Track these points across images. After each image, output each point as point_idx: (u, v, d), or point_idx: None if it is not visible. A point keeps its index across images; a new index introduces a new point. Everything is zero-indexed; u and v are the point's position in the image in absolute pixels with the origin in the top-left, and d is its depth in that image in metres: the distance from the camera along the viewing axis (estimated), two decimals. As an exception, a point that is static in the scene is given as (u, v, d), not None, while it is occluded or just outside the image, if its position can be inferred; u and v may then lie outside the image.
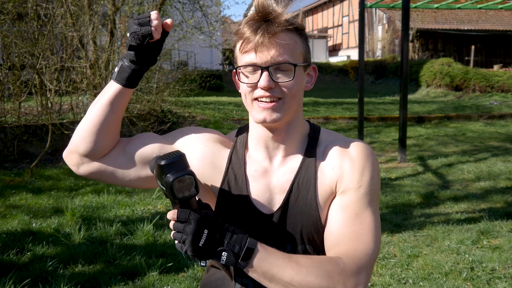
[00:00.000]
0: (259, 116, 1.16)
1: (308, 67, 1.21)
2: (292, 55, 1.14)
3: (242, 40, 1.15)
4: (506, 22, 23.72)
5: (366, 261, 1.11)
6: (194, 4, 12.13)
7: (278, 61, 1.12)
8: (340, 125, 11.22)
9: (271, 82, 1.13)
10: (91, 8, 8.89)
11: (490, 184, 6.06)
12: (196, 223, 1.03)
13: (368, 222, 1.15)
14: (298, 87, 1.17)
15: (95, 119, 1.21)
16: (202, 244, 1.04)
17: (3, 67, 7.42)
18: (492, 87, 17.20)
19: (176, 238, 1.06)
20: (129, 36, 1.17)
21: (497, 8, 9.37)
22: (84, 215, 4.67)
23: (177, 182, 1.03)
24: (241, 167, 1.23)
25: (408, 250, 3.91)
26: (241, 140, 1.28)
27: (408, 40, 7.48)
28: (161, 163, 1.04)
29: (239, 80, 1.18)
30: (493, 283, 3.32)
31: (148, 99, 9.43)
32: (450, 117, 12.24)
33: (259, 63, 1.13)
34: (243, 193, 1.22)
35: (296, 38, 1.16)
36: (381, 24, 26.04)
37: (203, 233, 1.04)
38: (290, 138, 1.22)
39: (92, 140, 1.20)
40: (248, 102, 1.18)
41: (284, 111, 1.16)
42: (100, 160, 1.23)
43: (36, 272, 3.39)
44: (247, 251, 1.05)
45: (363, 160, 1.19)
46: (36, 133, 7.23)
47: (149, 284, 3.30)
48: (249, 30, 1.13)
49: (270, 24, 1.12)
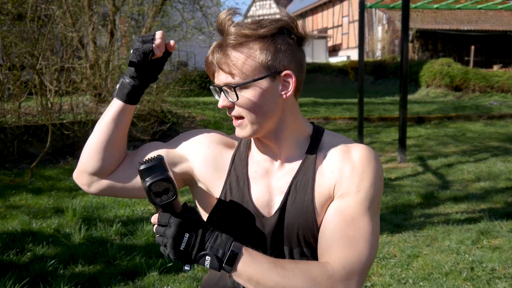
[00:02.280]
0: (236, 132, 1.20)
1: (277, 76, 1.14)
2: (241, 72, 1.11)
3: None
4: (506, 22, 23.73)
5: (357, 267, 1.08)
6: (194, 4, 12.14)
7: (223, 83, 1.14)
8: (340, 125, 11.23)
9: (226, 102, 1.15)
10: (91, 9, 8.89)
11: (490, 184, 6.06)
12: (176, 227, 1.03)
13: (364, 228, 1.11)
14: (259, 101, 1.13)
15: (100, 137, 1.21)
16: (183, 248, 1.04)
17: (3, 67, 7.42)
18: (492, 88, 17.20)
19: (159, 241, 1.06)
20: (131, 52, 1.18)
21: (497, 8, 9.38)
22: (84, 215, 4.67)
23: (154, 187, 1.03)
24: (243, 168, 1.23)
25: (408, 250, 3.91)
26: (245, 141, 1.27)
27: (408, 40, 7.48)
28: (140, 168, 1.04)
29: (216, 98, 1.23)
30: (493, 283, 3.32)
31: (148, 100, 9.43)
32: (450, 117, 12.25)
33: (216, 84, 1.17)
34: (244, 195, 1.21)
35: (249, 50, 1.11)
36: (381, 25, 26.04)
37: (184, 237, 1.04)
38: (284, 143, 1.21)
39: (100, 158, 1.21)
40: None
41: (251, 127, 1.15)
42: (109, 176, 1.23)
43: (36, 272, 3.39)
44: (231, 256, 1.05)
45: (364, 164, 1.15)
46: (36, 134, 7.23)
47: (149, 284, 3.30)
48: (210, 49, 1.17)
49: (221, 42, 1.13)
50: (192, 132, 1.31)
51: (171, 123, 9.54)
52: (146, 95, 9.52)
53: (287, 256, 1.19)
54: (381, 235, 4.33)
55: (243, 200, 1.21)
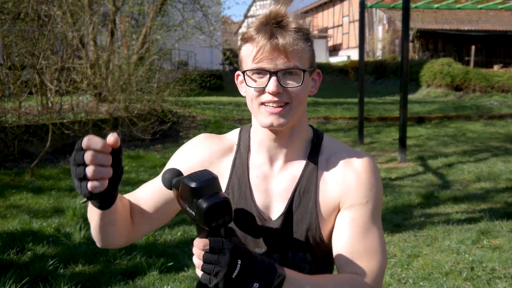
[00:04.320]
0: (266, 121, 1.15)
1: (313, 72, 1.22)
2: (301, 61, 1.14)
3: (252, 44, 1.14)
4: (506, 22, 23.71)
5: (380, 275, 1.15)
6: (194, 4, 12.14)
7: (288, 67, 1.12)
8: (340, 125, 11.22)
9: (279, 87, 1.12)
10: (91, 8, 8.89)
11: (490, 184, 6.06)
12: (230, 253, 0.95)
13: (377, 236, 1.17)
14: (305, 92, 1.17)
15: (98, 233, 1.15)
16: (235, 275, 0.95)
17: (4, 67, 7.43)
18: (492, 87, 17.19)
19: (207, 270, 0.95)
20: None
21: (497, 8, 9.37)
22: (85, 214, 4.66)
23: (212, 209, 0.91)
24: (244, 171, 1.23)
25: (408, 250, 3.91)
26: (244, 143, 1.27)
27: (408, 40, 7.48)
28: (193, 186, 0.92)
29: (247, 84, 1.17)
30: (493, 283, 3.32)
31: (148, 99, 9.44)
32: (450, 117, 12.24)
33: (268, 68, 1.13)
34: (247, 198, 1.21)
35: (304, 43, 1.15)
36: (381, 24, 26.04)
37: (237, 264, 0.95)
38: (292, 143, 1.22)
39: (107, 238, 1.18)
40: (255, 107, 1.17)
41: (291, 116, 1.16)
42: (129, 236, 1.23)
43: (37, 271, 3.39)
44: (280, 281, 1.00)
45: (368, 174, 1.19)
46: (36, 133, 7.23)
47: (150, 283, 3.30)
48: (259, 34, 1.13)
49: (281, 30, 1.12)
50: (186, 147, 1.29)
51: (171, 123, 9.53)
52: (146, 94, 9.53)
53: (289, 261, 1.20)
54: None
55: (246, 204, 1.21)
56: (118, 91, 8.88)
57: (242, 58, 1.19)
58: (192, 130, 9.70)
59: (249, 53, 1.15)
